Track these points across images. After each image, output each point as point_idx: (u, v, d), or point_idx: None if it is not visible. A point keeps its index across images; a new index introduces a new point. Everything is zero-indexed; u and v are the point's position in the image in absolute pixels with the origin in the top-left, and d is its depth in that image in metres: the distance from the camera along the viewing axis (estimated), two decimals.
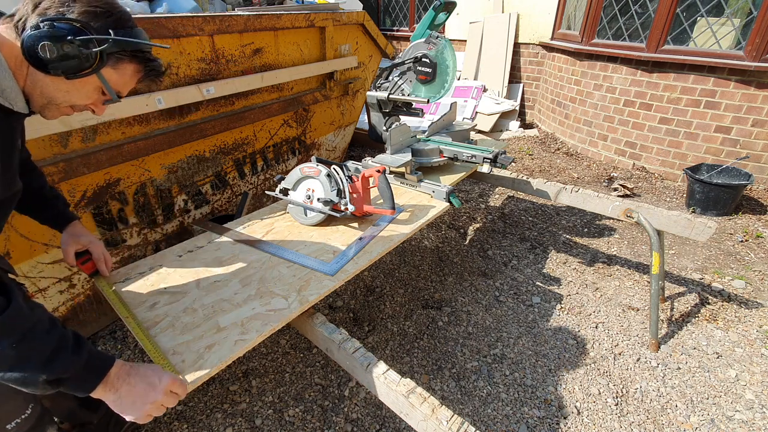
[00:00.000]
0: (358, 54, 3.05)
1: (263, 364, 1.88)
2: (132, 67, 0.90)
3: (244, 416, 1.65)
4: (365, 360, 1.13)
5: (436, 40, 1.89)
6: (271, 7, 2.74)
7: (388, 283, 2.41)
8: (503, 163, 1.99)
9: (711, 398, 1.72)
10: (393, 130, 2.05)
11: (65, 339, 0.77)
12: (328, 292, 1.31)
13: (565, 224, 3.06)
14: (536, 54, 5.08)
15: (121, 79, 0.90)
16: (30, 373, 0.72)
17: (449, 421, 0.96)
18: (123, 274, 1.35)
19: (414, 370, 1.86)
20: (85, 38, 0.78)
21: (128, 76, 0.90)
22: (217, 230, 1.65)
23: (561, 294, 2.32)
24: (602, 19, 4.03)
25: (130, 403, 0.83)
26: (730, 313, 2.17)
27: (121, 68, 0.88)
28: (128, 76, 0.90)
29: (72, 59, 0.79)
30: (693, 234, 1.77)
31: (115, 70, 0.87)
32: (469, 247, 2.78)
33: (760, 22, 3.05)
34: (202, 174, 2.18)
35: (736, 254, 2.68)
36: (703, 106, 3.42)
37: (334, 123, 3.08)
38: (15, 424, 0.98)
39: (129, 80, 0.91)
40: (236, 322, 1.15)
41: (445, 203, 1.83)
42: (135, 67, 0.90)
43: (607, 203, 1.93)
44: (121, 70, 0.89)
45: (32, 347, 0.72)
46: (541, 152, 4.46)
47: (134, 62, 0.89)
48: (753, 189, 3.41)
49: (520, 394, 1.75)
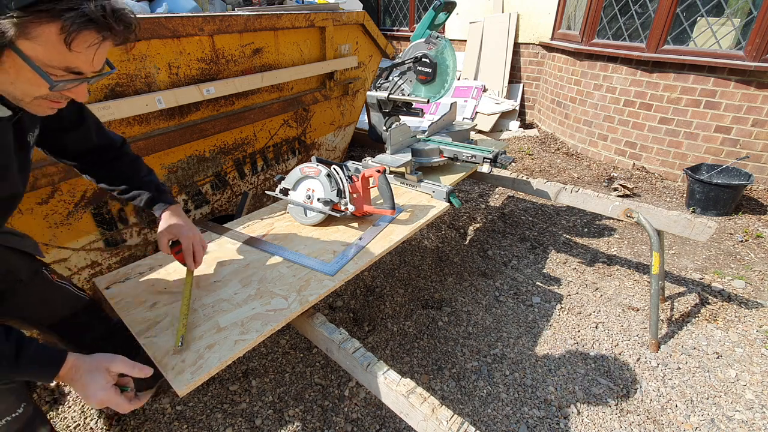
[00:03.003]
0: (358, 54, 3.04)
1: (263, 364, 1.88)
2: (47, 30, 0.62)
3: (244, 416, 1.65)
4: (365, 360, 1.13)
5: (436, 40, 1.89)
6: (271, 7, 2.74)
7: (388, 283, 2.41)
8: (503, 163, 1.99)
9: (711, 398, 1.72)
10: (393, 130, 2.05)
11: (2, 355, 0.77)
12: (328, 292, 1.31)
13: (565, 224, 3.06)
14: (536, 54, 5.08)
15: (47, 51, 0.64)
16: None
17: (449, 421, 0.96)
18: (123, 274, 1.35)
19: (414, 370, 1.86)
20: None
21: (54, 44, 0.63)
22: (217, 230, 1.65)
23: (561, 294, 2.32)
24: (602, 19, 4.04)
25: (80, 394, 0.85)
26: (730, 313, 2.17)
27: (36, 35, 0.62)
28: (52, 43, 0.63)
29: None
30: (693, 234, 1.77)
31: (31, 40, 0.62)
32: (469, 247, 2.78)
33: (760, 22, 3.05)
34: (202, 174, 2.18)
35: (736, 254, 2.68)
36: (703, 106, 3.42)
37: (334, 123, 3.08)
38: (5, 422, 0.98)
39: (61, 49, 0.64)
40: (236, 322, 1.15)
41: (445, 203, 1.83)
42: (51, 28, 0.62)
43: (607, 203, 1.93)
44: (38, 39, 0.62)
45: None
46: (541, 152, 4.46)
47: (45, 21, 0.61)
48: (753, 189, 3.41)
49: (520, 394, 1.75)
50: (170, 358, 1.03)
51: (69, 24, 0.61)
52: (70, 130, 1.06)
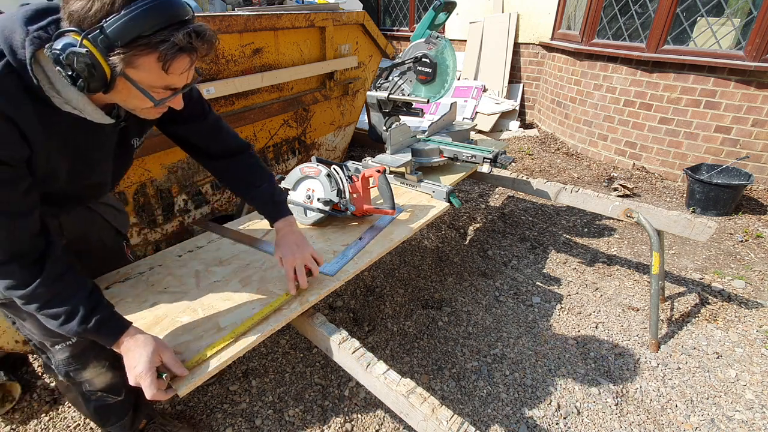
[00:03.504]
0: (358, 54, 3.04)
1: (263, 364, 1.88)
2: (148, 59, 0.74)
3: (244, 416, 1.66)
4: (365, 360, 1.13)
5: (436, 40, 1.89)
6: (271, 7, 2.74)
7: (388, 283, 2.41)
8: (503, 163, 1.99)
9: (711, 398, 1.72)
10: (393, 130, 2.05)
11: (75, 312, 0.89)
12: (328, 292, 1.31)
13: (565, 224, 3.06)
14: (536, 54, 5.08)
15: (150, 76, 0.77)
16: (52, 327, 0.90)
17: (449, 421, 0.96)
18: (123, 274, 1.35)
19: (414, 370, 1.86)
20: (73, 54, 0.69)
21: (154, 70, 0.76)
22: (217, 230, 1.65)
23: (561, 294, 2.32)
24: (602, 19, 4.04)
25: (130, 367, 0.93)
26: (730, 313, 2.17)
27: (139, 64, 0.74)
28: (153, 69, 0.75)
29: (79, 80, 0.72)
30: (693, 234, 1.77)
31: (136, 68, 0.75)
32: (469, 247, 2.78)
33: (760, 22, 3.05)
34: (202, 174, 2.18)
35: (736, 254, 2.68)
36: (703, 106, 3.42)
37: (334, 123, 3.08)
38: (61, 347, 1.13)
39: (160, 73, 0.77)
40: (236, 322, 1.15)
41: (445, 203, 1.83)
42: (151, 58, 0.73)
43: (607, 203, 1.93)
44: (141, 67, 0.75)
45: (49, 314, 0.88)
46: (541, 152, 4.46)
47: (145, 52, 0.73)
48: (753, 189, 3.41)
49: (520, 394, 1.75)
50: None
51: (164, 54, 0.73)
52: (188, 122, 1.15)
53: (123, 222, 1.38)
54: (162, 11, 0.71)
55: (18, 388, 1.69)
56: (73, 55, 0.69)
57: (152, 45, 0.71)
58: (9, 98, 0.75)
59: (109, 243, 1.35)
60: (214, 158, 1.26)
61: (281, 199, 1.30)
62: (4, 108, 0.74)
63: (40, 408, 1.68)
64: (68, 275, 0.91)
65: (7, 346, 1.51)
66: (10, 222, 0.82)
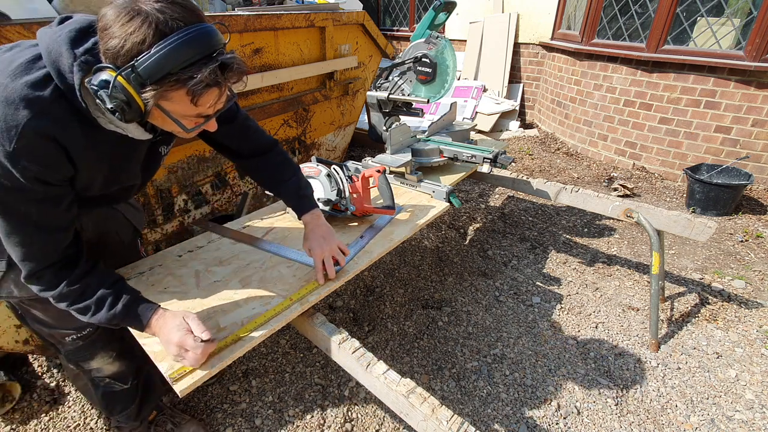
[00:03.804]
0: (358, 54, 3.04)
1: (263, 364, 1.88)
2: (178, 93, 0.77)
3: (244, 416, 1.66)
4: (365, 360, 1.13)
5: (436, 40, 1.89)
6: (271, 7, 2.74)
7: (388, 283, 2.41)
8: (503, 163, 1.99)
9: (711, 398, 1.72)
10: (393, 130, 2.05)
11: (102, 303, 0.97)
12: (328, 292, 1.31)
13: (565, 224, 3.06)
14: (536, 54, 5.08)
15: (181, 107, 0.81)
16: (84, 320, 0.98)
17: (449, 421, 0.96)
18: (123, 273, 1.35)
19: (414, 370, 1.86)
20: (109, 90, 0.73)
21: (184, 102, 0.79)
22: (217, 230, 1.65)
23: (561, 294, 2.32)
24: (602, 19, 4.04)
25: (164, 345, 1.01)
26: (730, 313, 2.17)
27: (170, 97, 0.78)
28: (184, 102, 0.79)
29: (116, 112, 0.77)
30: (693, 234, 1.77)
31: (168, 101, 0.79)
32: (469, 247, 2.78)
33: (760, 22, 3.05)
34: (202, 174, 2.18)
35: (736, 254, 2.68)
36: (703, 106, 3.42)
37: (334, 123, 3.08)
38: (72, 338, 1.21)
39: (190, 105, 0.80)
40: (236, 322, 1.15)
41: (445, 203, 1.83)
42: (181, 92, 0.77)
43: (607, 203, 1.93)
44: (173, 100, 0.78)
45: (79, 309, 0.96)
46: (541, 152, 4.46)
47: (174, 88, 0.76)
48: (753, 189, 3.41)
49: (520, 394, 1.75)
50: (170, 358, 1.03)
51: (192, 89, 0.76)
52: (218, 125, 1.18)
53: (140, 220, 1.44)
54: (190, 48, 0.73)
55: (18, 388, 1.69)
56: (110, 90, 0.73)
57: (181, 81, 0.75)
58: (57, 122, 0.79)
59: (126, 240, 1.39)
60: (244, 157, 1.31)
61: (307, 193, 1.36)
62: (53, 131, 0.78)
63: (40, 408, 1.68)
64: (94, 272, 0.98)
65: (7, 346, 1.51)
66: (50, 236, 0.89)
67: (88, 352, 1.26)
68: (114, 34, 0.72)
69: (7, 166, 0.76)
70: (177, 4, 0.74)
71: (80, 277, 0.95)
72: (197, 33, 0.74)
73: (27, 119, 0.75)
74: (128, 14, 0.71)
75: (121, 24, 0.71)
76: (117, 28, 0.71)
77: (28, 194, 0.81)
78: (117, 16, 0.71)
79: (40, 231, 0.87)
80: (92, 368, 1.30)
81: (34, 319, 1.18)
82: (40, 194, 0.83)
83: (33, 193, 0.82)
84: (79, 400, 1.72)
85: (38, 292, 0.94)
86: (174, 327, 0.98)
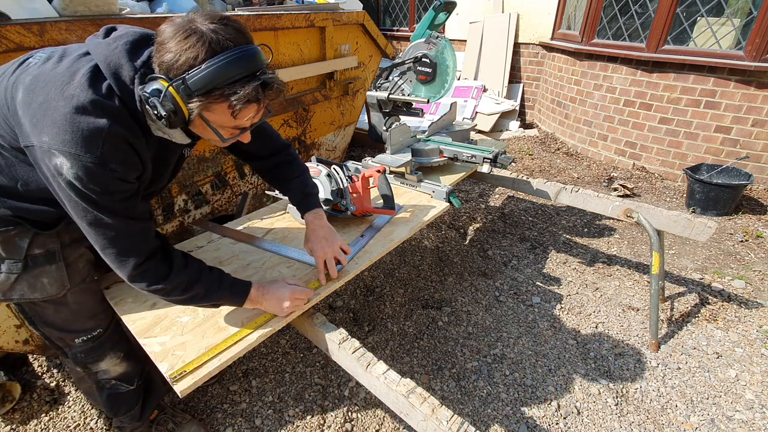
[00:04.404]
0: (358, 54, 3.04)
1: (263, 364, 1.88)
2: (220, 106, 0.85)
3: (244, 416, 1.66)
4: (365, 360, 1.13)
5: (436, 40, 1.89)
6: (271, 7, 2.73)
7: (388, 283, 2.41)
8: (503, 163, 1.99)
9: (711, 398, 1.72)
10: (393, 130, 2.05)
11: (211, 281, 1.06)
12: (328, 292, 1.31)
13: (565, 224, 3.06)
14: (536, 54, 5.08)
15: (221, 119, 0.88)
16: (197, 304, 1.07)
17: (449, 421, 0.96)
18: None
19: (414, 370, 1.86)
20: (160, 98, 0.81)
21: (225, 115, 0.87)
22: (217, 230, 1.65)
23: (561, 294, 2.32)
24: (602, 19, 4.03)
25: (271, 308, 1.16)
26: (730, 313, 2.17)
27: (213, 109, 0.86)
28: (224, 114, 0.87)
29: (163, 118, 0.84)
30: (693, 234, 1.77)
31: (210, 112, 0.86)
32: (469, 247, 2.78)
33: (760, 22, 3.05)
34: (202, 174, 2.18)
35: (736, 254, 2.68)
36: (703, 106, 3.42)
37: (334, 123, 3.08)
38: (82, 340, 1.23)
39: (230, 118, 0.87)
40: (236, 322, 1.15)
41: (445, 203, 1.83)
42: (223, 105, 0.85)
43: (607, 203, 1.93)
44: (215, 111, 0.86)
45: (192, 294, 1.02)
46: (541, 152, 4.46)
47: (218, 101, 0.84)
48: (753, 189, 3.41)
49: (520, 394, 1.75)
50: (170, 359, 1.03)
51: (234, 104, 0.83)
52: None
53: None
54: (236, 66, 0.81)
55: (18, 388, 1.69)
56: (160, 98, 0.81)
57: (225, 96, 0.82)
58: (128, 128, 0.86)
59: None
60: (257, 159, 1.36)
61: (312, 192, 1.39)
62: (128, 137, 0.86)
63: (40, 408, 1.68)
64: (188, 258, 1.06)
65: (7, 346, 1.51)
66: (143, 224, 0.96)
67: (97, 353, 1.27)
68: (170, 48, 0.80)
69: (96, 171, 0.82)
70: (230, 27, 0.83)
71: (183, 266, 1.02)
72: (244, 53, 0.82)
73: (109, 125, 0.82)
74: (185, 32, 0.79)
75: (178, 41, 0.79)
76: (174, 44, 0.80)
77: (116, 195, 0.88)
78: (175, 34, 0.80)
79: (133, 222, 0.93)
80: (100, 370, 1.30)
81: (44, 322, 1.18)
82: (126, 193, 0.90)
83: (120, 193, 0.89)
84: (79, 400, 1.72)
85: (147, 288, 0.97)
86: (279, 286, 1.15)
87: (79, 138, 0.79)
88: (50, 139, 0.79)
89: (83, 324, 1.22)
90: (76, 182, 0.82)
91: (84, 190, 0.83)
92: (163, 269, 0.98)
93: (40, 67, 0.86)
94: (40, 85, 0.82)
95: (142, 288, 0.98)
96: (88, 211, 0.87)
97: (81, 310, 1.20)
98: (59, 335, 1.21)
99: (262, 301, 1.14)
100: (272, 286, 1.16)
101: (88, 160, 0.80)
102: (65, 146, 0.79)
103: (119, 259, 0.93)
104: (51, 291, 1.10)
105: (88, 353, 1.26)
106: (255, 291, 1.13)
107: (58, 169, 0.81)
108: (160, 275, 0.98)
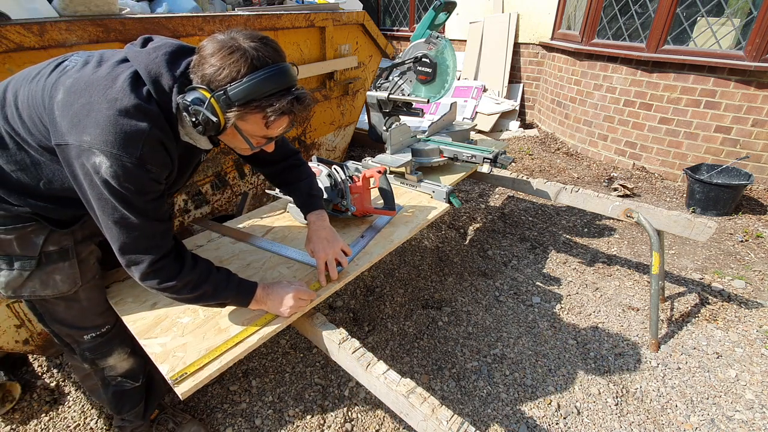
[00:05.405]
0: (358, 54, 3.04)
1: (263, 364, 1.88)
2: (255, 117, 0.91)
3: (244, 416, 1.66)
4: (365, 360, 1.13)
5: (436, 40, 1.89)
6: (271, 7, 2.73)
7: (388, 283, 2.41)
8: (503, 163, 1.99)
9: (711, 398, 1.72)
10: (393, 130, 2.05)
11: (219, 280, 1.08)
12: (328, 293, 1.31)
13: (565, 224, 3.06)
14: (536, 54, 5.08)
15: (254, 128, 0.94)
16: (204, 303, 1.09)
17: (449, 421, 0.96)
18: (123, 273, 1.35)
19: (414, 370, 1.86)
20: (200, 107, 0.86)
21: (259, 125, 0.93)
22: (217, 230, 1.65)
23: (561, 294, 2.32)
24: (602, 19, 4.03)
25: (275, 309, 1.17)
26: (730, 313, 2.17)
27: (248, 119, 0.92)
28: (258, 124, 0.93)
29: (199, 126, 0.89)
30: (693, 234, 1.77)
31: (245, 122, 0.92)
32: (469, 247, 2.78)
33: (760, 22, 3.05)
34: (202, 174, 2.18)
35: (736, 254, 2.68)
36: (703, 106, 3.42)
37: (334, 123, 3.08)
38: (91, 336, 1.25)
39: (262, 128, 0.93)
40: (237, 323, 1.15)
41: (445, 203, 1.83)
42: (258, 116, 0.91)
43: (607, 203, 1.93)
44: (249, 121, 0.92)
45: (200, 292, 1.04)
46: (541, 152, 4.46)
47: (254, 112, 0.90)
48: (753, 189, 3.41)
49: (520, 394, 1.75)
50: (171, 360, 1.03)
51: (269, 115, 0.90)
52: None
53: None
54: (274, 81, 0.88)
55: (18, 388, 1.69)
56: (200, 107, 0.87)
57: (261, 107, 0.89)
58: (164, 132, 0.92)
59: None
60: (266, 165, 1.39)
61: (317, 194, 1.43)
62: (163, 139, 0.91)
63: (40, 408, 1.68)
64: (198, 258, 1.08)
65: (7, 346, 1.51)
66: (166, 225, 1.00)
67: (106, 349, 1.29)
68: (213, 63, 0.86)
69: (134, 171, 0.87)
70: (269, 46, 0.90)
71: (193, 265, 1.04)
72: (280, 70, 0.89)
73: (149, 128, 0.87)
74: (228, 49, 0.86)
75: (222, 56, 0.86)
76: (216, 59, 0.86)
77: (148, 195, 0.93)
78: (218, 50, 0.86)
79: (158, 223, 0.97)
80: (107, 366, 1.32)
81: (54, 319, 1.20)
82: (156, 194, 0.95)
83: (151, 193, 0.94)
84: (79, 400, 1.72)
85: (157, 286, 0.99)
86: (283, 287, 1.18)
87: (121, 139, 0.84)
88: (92, 138, 0.83)
89: (93, 320, 1.24)
90: (113, 180, 0.86)
91: (119, 189, 0.87)
92: (175, 268, 1.01)
93: (80, 70, 0.90)
94: (82, 87, 0.86)
95: (152, 286, 0.99)
96: (117, 210, 0.90)
97: (91, 306, 1.22)
98: (69, 332, 1.23)
99: (267, 301, 1.15)
100: (276, 286, 1.18)
101: (128, 160, 0.85)
102: (107, 146, 0.83)
103: (136, 257, 0.96)
104: (63, 288, 1.12)
105: (96, 349, 1.28)
106: (260, 291, 1.15)
107: (96, 168, 0.85)
108: (172, 274, 1.00)
